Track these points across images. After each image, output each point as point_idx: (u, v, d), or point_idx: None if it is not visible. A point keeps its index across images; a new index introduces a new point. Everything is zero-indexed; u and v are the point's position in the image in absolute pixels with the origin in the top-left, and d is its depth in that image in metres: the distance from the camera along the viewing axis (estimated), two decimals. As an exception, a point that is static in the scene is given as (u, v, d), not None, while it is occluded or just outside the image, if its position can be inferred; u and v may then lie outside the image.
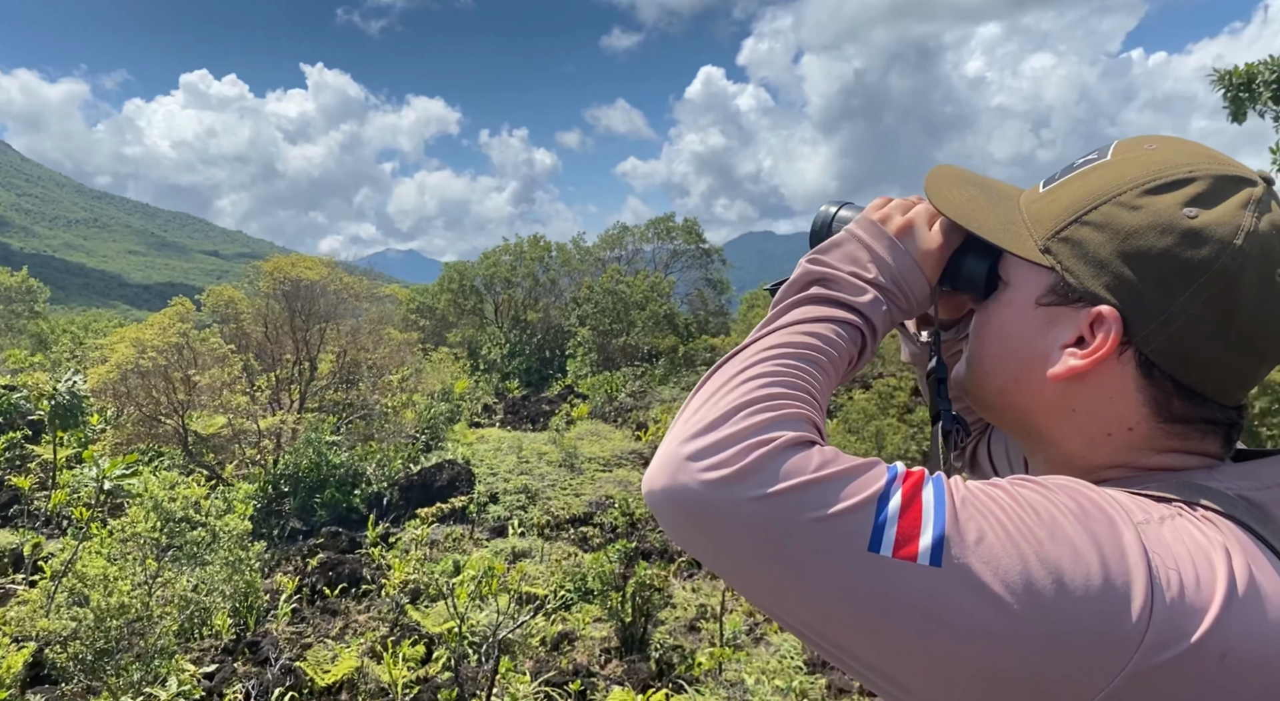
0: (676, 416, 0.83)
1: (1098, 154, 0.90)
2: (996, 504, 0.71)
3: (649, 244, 41.16)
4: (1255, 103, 8.92)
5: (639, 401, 24.70)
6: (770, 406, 0.78)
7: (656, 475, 0.77)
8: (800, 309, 0.91)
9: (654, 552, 13.59)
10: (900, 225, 0.97)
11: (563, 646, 10.38)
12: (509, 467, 17.31)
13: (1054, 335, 0.86)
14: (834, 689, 10.05)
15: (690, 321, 35.11)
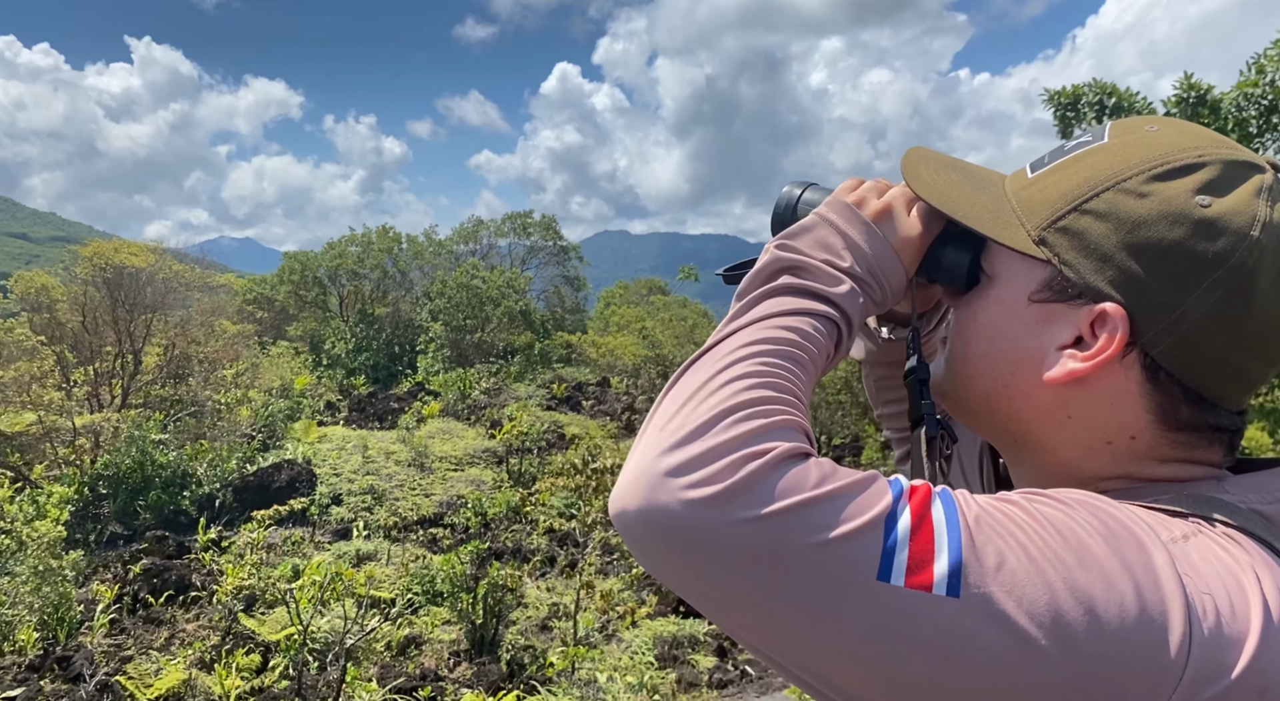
0: (646, 424, 0.73)
1: (1091, 136, 0.83)
2: (1014, 522, 0.63)
3: (505, 239, 40.67)
4: (1081, 121, 9.69)
5: (493, 399, 24.36)
6: (760, 412, 0.69)
7: (629, 493, 0.67)
8: (772, 300, 0.81)
9: (507, 552, 13.39)
10: (877, 210, 0.88)
11: (410, 651, 10.07)
12: (354, 467, 16.67)
13: (1049, 335, 0.79)
14: (684, 683, 10.17)
15: (547, 318, 34.93)
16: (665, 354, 27.73)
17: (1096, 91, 9.61)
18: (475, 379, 25.79)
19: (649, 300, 40.69)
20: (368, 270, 35.48)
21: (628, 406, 24.62)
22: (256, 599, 10.47)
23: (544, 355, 30.07)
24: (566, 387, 25.79)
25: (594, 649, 10.30)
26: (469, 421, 21.86)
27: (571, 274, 40.06)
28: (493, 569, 10.63)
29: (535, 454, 18.61)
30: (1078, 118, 9.56)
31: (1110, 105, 9.37)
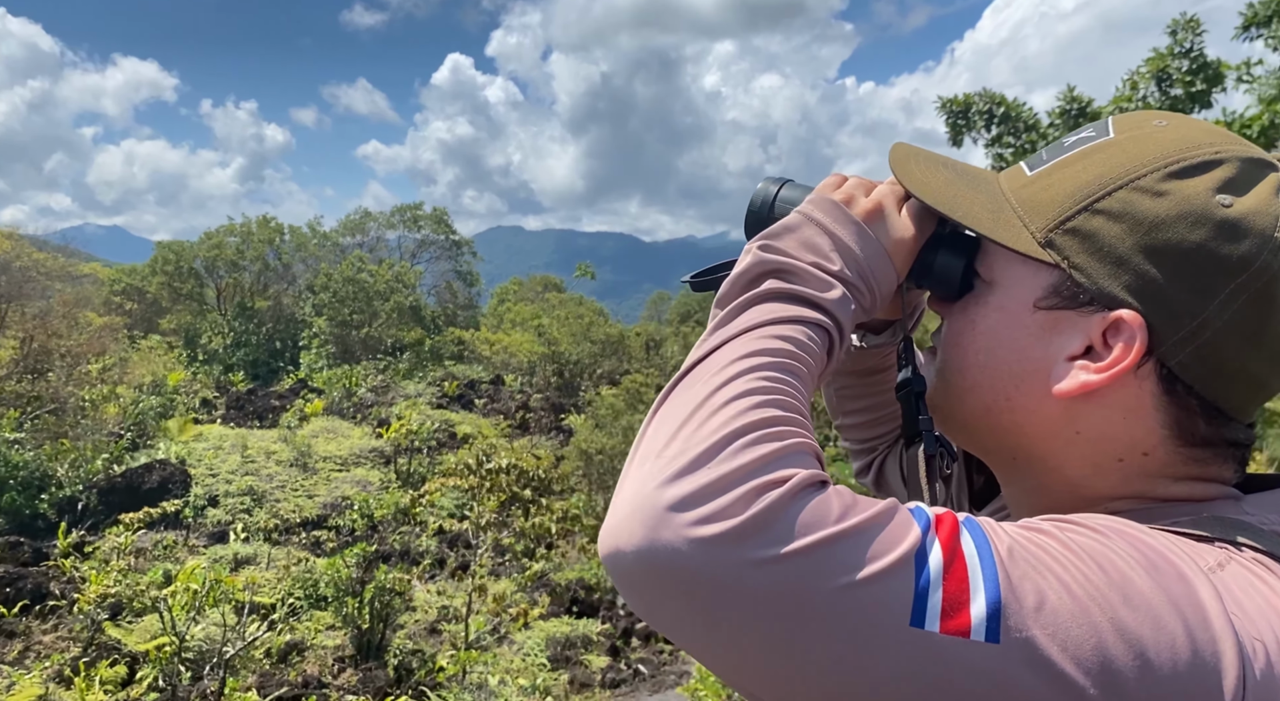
0: (637, 449, 0.64)
1: (1094, 130, 0.78)
2: (1049, 555, 0.57)
3: (394, 232, 39.72)
4: (971, 129, 10.11)
5: (381, 397, 23.71)
6: (770, 434, 0.61)
7: (625, 530, 0.58)
8: (759, 307, 0.73)
9: (395, 555, 13.03)
10: (868, 209, 0.81)
11: (292, 658, 9.66)
12: (232, 468, 15.93)
13: (1057, 344, 0.73)
14: (576, 684, 10.09)
15: (438, 314, 34.28)
16: (562, 351, 27.60)
17: (986, 101, 10.03)
18: (362, 376, 25.06)
19: (544, 297, 40.42)
20: (248, 262, 34.03)
21: (522, 405, 24.38)
22: (123, 607, 9.86)
23: (435, 352, 29.47)
24: (458, 385, 25.34)
25: (485, 652, 10.11)
26: (355, 420, 21.23)
27: (464, 269, 39.44)
28: (380, 572, 10.31)
29: (425, 453, 18.20)
30: (968, 126, 10.00)
31: (999, 114, 9.84)
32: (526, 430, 22.66)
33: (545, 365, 27.38)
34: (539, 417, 23.61)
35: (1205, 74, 9.03)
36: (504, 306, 38.67)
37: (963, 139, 10.09)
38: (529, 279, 46.82)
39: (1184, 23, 9.20)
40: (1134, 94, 9.27)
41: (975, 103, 9.93)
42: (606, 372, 28.50)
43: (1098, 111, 9.56)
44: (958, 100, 10.00)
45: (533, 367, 27.76)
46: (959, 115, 9.94)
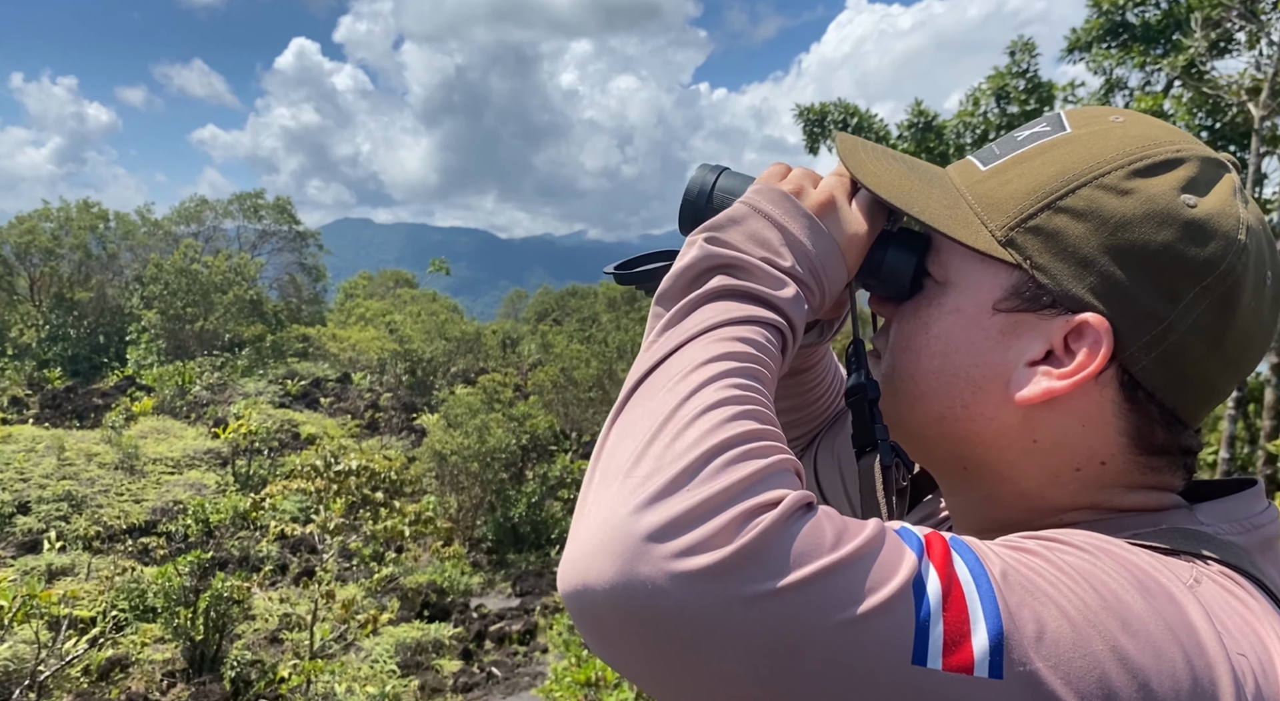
0: (598, 467, 0.58)
1: (1048, 125, 0.74)
2: (1042, 577, 0.55)
3: (233, 221, 37.63)
4: (826, 137, 10.51)
5: (218, 395, 22.42)
6: (752, 451, 0.55)
7: (595, 564, 0.52)
8: (710, 306, 0.67)
9: (233, 562, 12.34)
10: (819, 201, 0.75)
11: (114, 674, 8.98)
12: (46, 472, 14.69)
13: (1017, 349, 0.70)
14: (428, 689, 9.84)
15: (281, 308, 32.72)
16: (414, 349, 26.86)
17: (840, 111, 10.45)
18: (196, 373, 23.62)
19: (395, 292, 39.29)
20: (66, 249, 31.43)
21: (372, 404, 23.61)
22: (-86, 628, 8.88)
23: (277, 348, 28.09)
24: (303, 384, 24.26)
25: (332, 660, 9.71)
26: (189, 419, 19.99)
27: (309, 262, 37.80)
28: (217, 579, 9.74)
29: (266, 455, 17.34)
30: (823, 134, 10.40)
31: (852, 124, 10.28)
32: (376, 430, 21.96)
33: (396, 363, 26.60)
34: (389, 417, 22.94)
35: (1039, 93, 9.76)
36: (352, 302, 37.31)
37: (819, 147, 10.53)
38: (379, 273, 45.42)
39: (1021, 45, 9.92)
40: (976, 110, 9.94)
41: (830, 112, 10.36)
42: (461, 371, 27.98)
43: (942, 125, 10.17)
44: (813, 109, 10.41)
45: (383, 365, 26.92)
46: (815, 123, 10.35)
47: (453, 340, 28.93)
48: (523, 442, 18.77)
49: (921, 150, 10.04)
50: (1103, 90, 10.16)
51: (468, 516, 17.22)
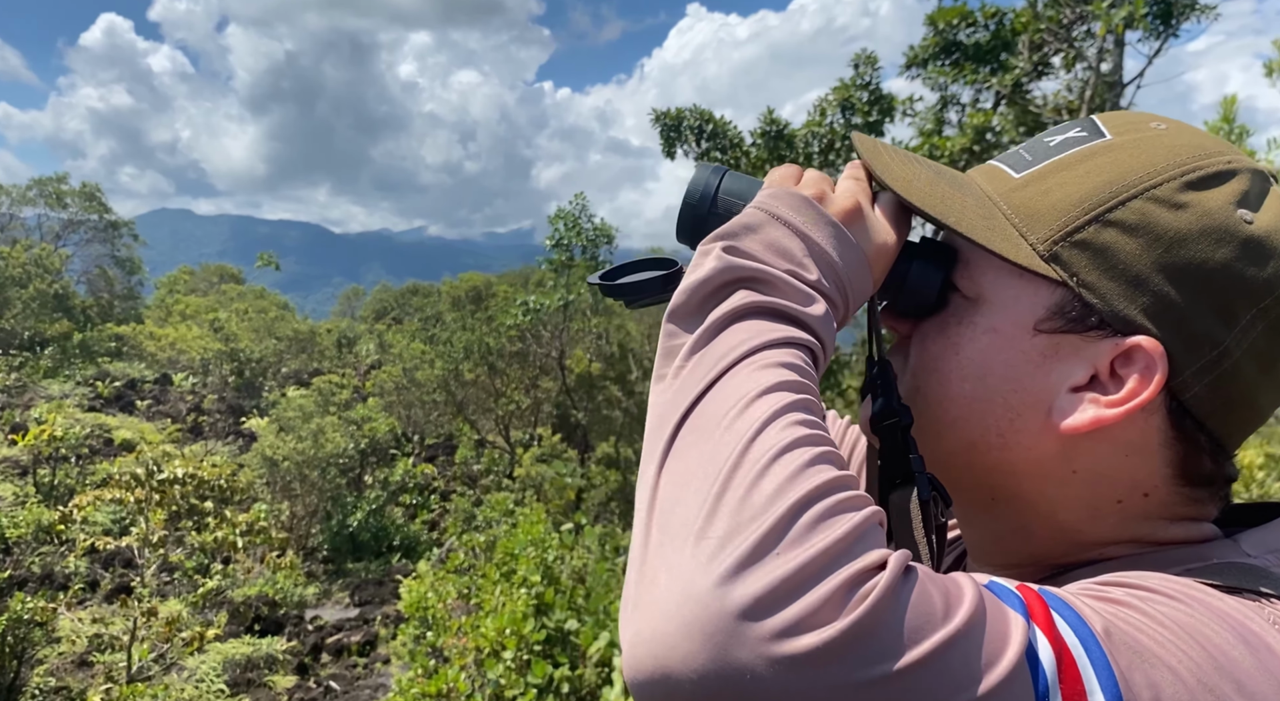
0: (656, 518, 0.50)
1: (1083, 130, 0.69)
2: (1145, 634, 0.50)
3: (32, 208, 34.37)
4: (683, 141, 10.67)
5: (16, 398, 20.47)
6: (841, 503, 0.49)
7: (680, 645, 0.45)
8: (742, 326, 0.59)
9: (35, 580, 11.28)
10: (845, 208, 0.68)
11: (-110, 714, 8.00)
12: None
13: (1059, 373, 0.65)
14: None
15: (90, 304, 30.21)
16: (242, 348, 25.38)
17: (696, 116, 10.63)
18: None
19: (220, 288, 37.03)
20: None
21: (195, 407, 22.17)
22: None
23: (86, 347, 25.90)
24: (116, 385, 22.46)
25: (152, 683, 9.02)
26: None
27: (123, 255, 35.07)
28: (15, 600, 8.86)
29: (74, 463, 15.93)
30: (679, 138, 10.58)
31: (708, 130, 10.50)
32: (200, 434, 20.64)
33: (222, 363, 25.06)
34: (214, 421, 21.63)
35: (881, 106, 10.28)
36: (172, 298, 34.92)
37: (675, 151, 10.72)
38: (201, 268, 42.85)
39: (864, 58, 10.44)
40: (823, 120, 10.42)
41: (686, 117, 10.56)
42: (293, 372, 26.74)
43: (793, 134, 10.53)
44: (670, 113, 10.59)
45: (207, 366, 25.31)
46: (671, 128, 10.51)
47: (284, 339, 27.59)
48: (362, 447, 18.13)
49: (774, 158, 10.42)
50: (938, 105, 10.86)
51: (302, 524, 16.48)
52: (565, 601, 8.30)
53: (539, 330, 20.50)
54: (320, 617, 13.36)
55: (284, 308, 33.32)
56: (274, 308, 31.35)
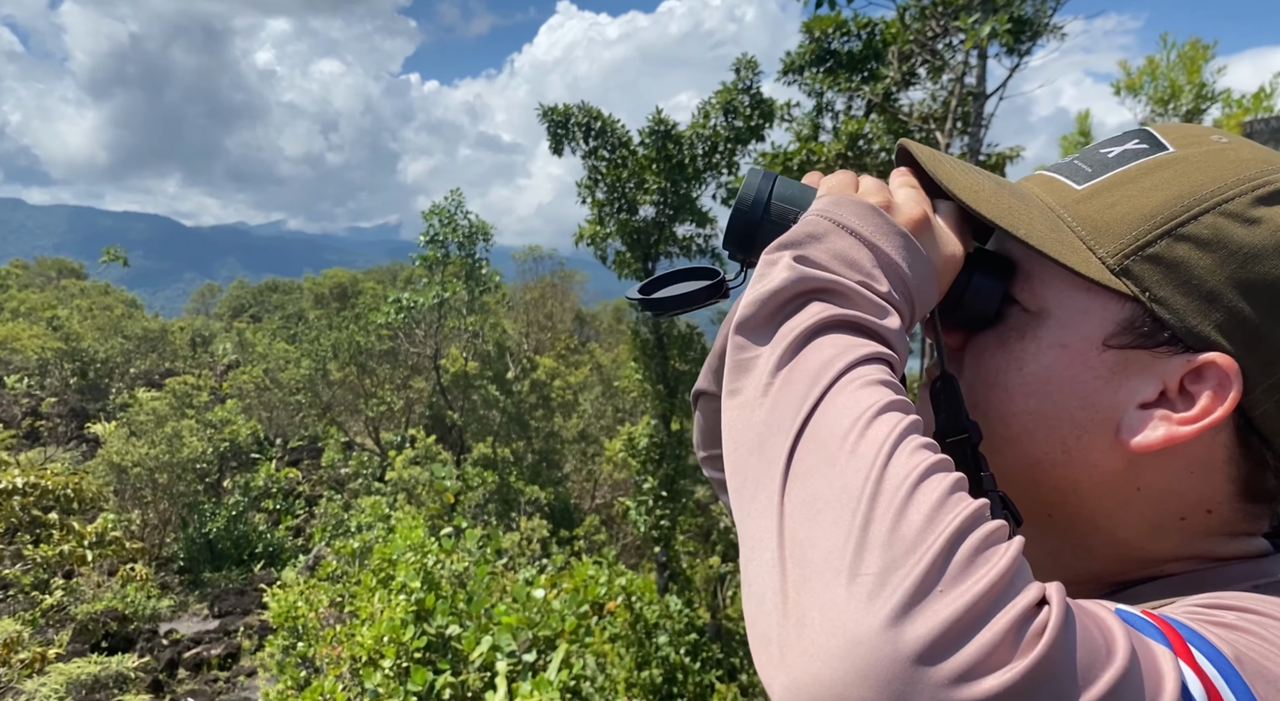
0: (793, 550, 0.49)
1: (1142, 142, 0.69)
2: (1270, 661, 0.50)
3: None
4: (570, 139, 10.63)
5: None
6: (992, 535, 0.46)
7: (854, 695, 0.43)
8: (826, 341, 0.57)
9: None
10: (914, 218, 0.66)
11: None
12: None
13: (1127, 389, 0.64)
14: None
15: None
16: (85, 348, 23.65)
17: (584, 114, 10.69)
18: None
19: (60, 284, 34.44)
20: None
21: (31, 410, 20.57)
22: None
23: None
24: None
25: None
26: None
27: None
28: None
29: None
30: (568, 135, 10.57)
31: (596, 128, 10.53)
32: (37, 440, 19.15)
33: (62, 363, 23.31)
34: (54, 425, 20.12)
35: (762, 110, 10.54)
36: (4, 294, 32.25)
37: (563, 147, 10.72)
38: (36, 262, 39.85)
39: (745, 63, 10.70)
40: (707, 122, 10.64)
41: (574, 114, 10.57)
42: (143, 372, 25.15)
43: (680, 135, 10.72)
44: (558, 110, 10.58)
45: (44, 366, 23.50)
46: (559, 125, 10.49)
47: (132, 338, 25.92)
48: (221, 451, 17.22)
49: (662, 158, 10.54)
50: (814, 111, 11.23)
51: (154, 534, 15.53)
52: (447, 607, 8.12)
53: (412, 328, 20.02)
54: (176, 631, 12.61)
55: (131, 305, 31.30)
56: (120, 305, 29.41)
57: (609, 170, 10.88)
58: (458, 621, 8.07)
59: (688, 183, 10.77)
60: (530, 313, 26.46)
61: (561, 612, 8.79)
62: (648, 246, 11.11)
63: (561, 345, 24.96)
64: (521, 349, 23.68)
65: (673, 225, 11.27)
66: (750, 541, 0.51)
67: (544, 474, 18.64)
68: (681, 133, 10.74)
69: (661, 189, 10.80)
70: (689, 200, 10.94)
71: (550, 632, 8.56)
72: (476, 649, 7.61)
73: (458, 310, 20.01)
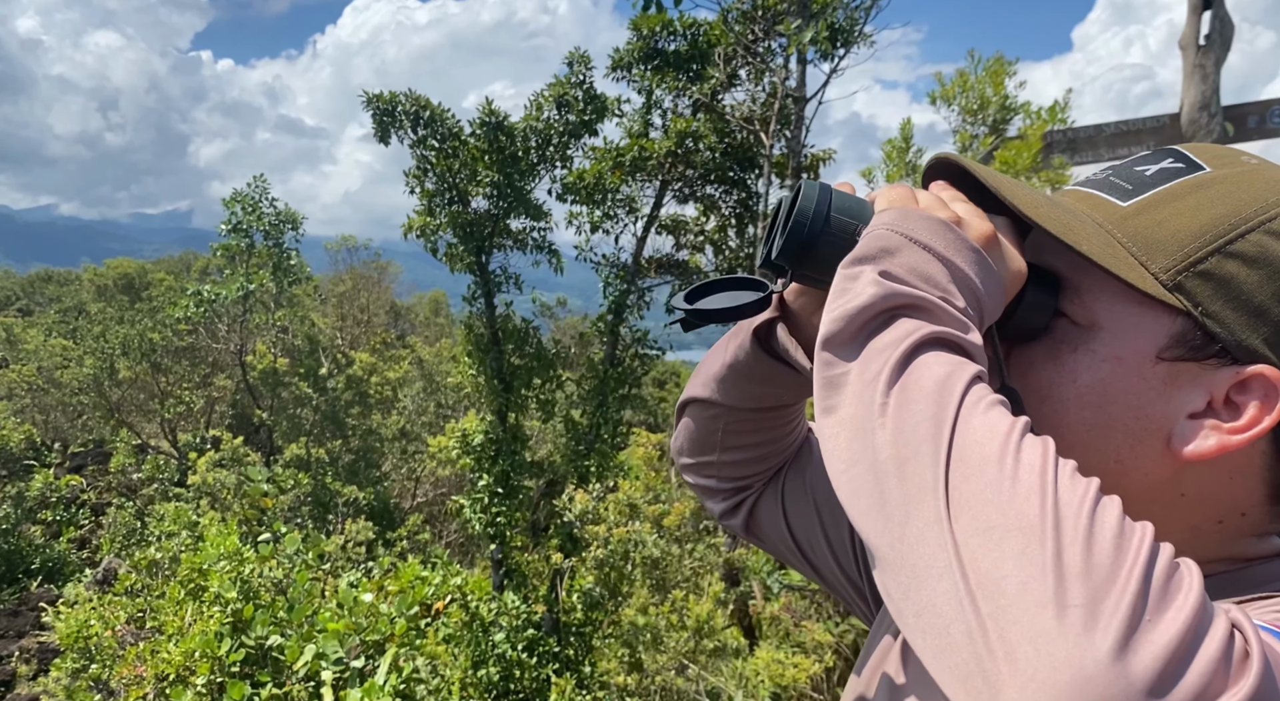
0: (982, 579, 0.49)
1: (1177, 161, 0.72)
2: None
3: None
4: (398, 127, 10.17)
5: None
6: (1172, 558, 0.49)
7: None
8: (928, 358, 0.58)
9: None
10: (985, 234, 0.67)
11: None
12: None
13: (1178, 400, 0.67)
14: None
15: None
16: None
17: (412, 102, 10.28)
18: None
19: None
20: None
21: None
22: None
23: None
24: None
25: None
26: None
27: None
28: None
29: None
30: (394, 123, 10.10)
31: (425, 117, 10.10)
32: None
33: None
34: None
35: (595, 105, 10.53)
36: None
37: (390, 137, 10.24)
38: None
39: (578, 57, 10.64)
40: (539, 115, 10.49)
41: (401, 102, 10.14)
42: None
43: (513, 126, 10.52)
44: (383, 97, 10.11)
45: None
46: (385, 113, 10.03)
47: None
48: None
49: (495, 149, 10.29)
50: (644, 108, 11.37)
51: (-94, 553, 13.70)
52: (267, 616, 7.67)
53: (213, 323, 18.67)
54: (-63, 662, 11.21)
55: None
56: None
57: (439, 160, 10.53)
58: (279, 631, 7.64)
59: (521, 175, 10.60)
60: (343, 306, 25.34)
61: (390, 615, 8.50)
62: (481, 239, 10.84)
63: (378, 339, 24.09)
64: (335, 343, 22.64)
65: (507, 218, 11.07)
66: (916, 568, 0.51)
67: (362, 473, 17.90)
68: (514, 125, 10.56)
69: (494, 181, 10.52)
70: (523, 193, 10.76)
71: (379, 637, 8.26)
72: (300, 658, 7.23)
73: (264, 303, 18.87)
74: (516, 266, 11.69)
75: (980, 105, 5.64)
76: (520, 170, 10.51)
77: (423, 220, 10.92)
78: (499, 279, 11.48)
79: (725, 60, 10.84)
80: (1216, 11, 4.76)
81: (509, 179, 10.38)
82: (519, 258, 11.62)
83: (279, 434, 18.74)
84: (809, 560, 1.04)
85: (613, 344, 11.90)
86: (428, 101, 10.26)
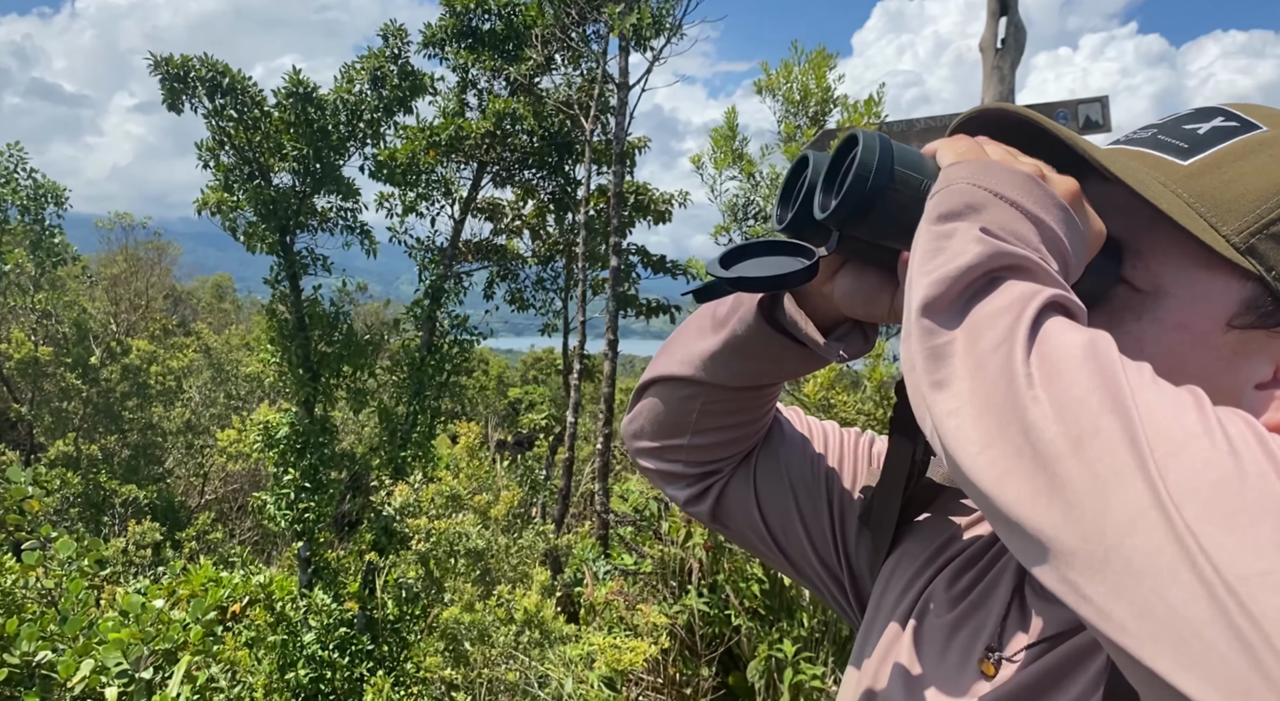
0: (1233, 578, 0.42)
1: (1230, 120, 0.68)
2: None
3: None
4: (191, 94, 9.27)
5: None
6: None
7: None
8: (1057, 323, 0.53)
9: None
10: (1072, 191, 0.62)
11: None
12: None
13: (1246, 370, 0.64)
14: None
15: None
16: None
17: (208, 68, 9.45)
18: None
19: None
20: None
21: None
22: None
23: None
24: None
25: None
26: None
27: None
28: None
29: None
30: (187, 90, 9.21)
31: (224, 84, 9.27)
32: None
33: None
34: None
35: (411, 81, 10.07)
36: None
37: (181, 105, 9.34)
38: None
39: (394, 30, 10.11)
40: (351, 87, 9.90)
41: (195, 67, 9.24)
42: None
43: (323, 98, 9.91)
44: (174, 62, 9.17)
45: None
46: (177, 78, 9.12)
47: None
48: None
49: (302, 122, 9.62)
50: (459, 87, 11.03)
51: None
52: (34, 630, 6.87)
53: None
54: None
55: None
56: None
57: (239, 132, 9.72)
58: (50, 646, 6.86)
59: (331, 151, 9.96)
60: (117, 289, 23.09)
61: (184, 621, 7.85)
62: (285, 217, 10.10)
63: (157, 326, 22.16)
64: (109, 330, 20.59)
65: (313, 196, 10.37)
66: (1132, 564, 0.45)
67: (143, 471, 16.44)
68: (324, 97, 9.91)
69: (301, 156, 9.83)
70: (333, 169, 10.12)
71: (171, 645, 7.61)
72: (77, 674, 6.53)
73: (21, 286, 16.92)
74: (324, 248, 11.09)
75: (803, 96, 5.85)
76: (330, 145, 9.88)
77: (218, 196, 10.05)
78: (305, 261, 10.80)
79: (543, 43, 10.71)
80: (1011, 18, 5.17)
81: (318, 153, 9.73)
82: (327, 239, 11.01)
83: (40, 429, 16.88)
84: (781, 548, 0.98)
85: (430, 330, 11.52)
86: (226, 68, 9.42)
